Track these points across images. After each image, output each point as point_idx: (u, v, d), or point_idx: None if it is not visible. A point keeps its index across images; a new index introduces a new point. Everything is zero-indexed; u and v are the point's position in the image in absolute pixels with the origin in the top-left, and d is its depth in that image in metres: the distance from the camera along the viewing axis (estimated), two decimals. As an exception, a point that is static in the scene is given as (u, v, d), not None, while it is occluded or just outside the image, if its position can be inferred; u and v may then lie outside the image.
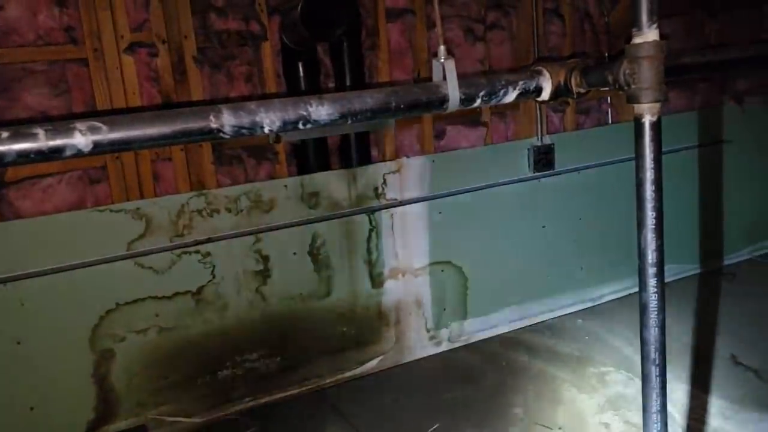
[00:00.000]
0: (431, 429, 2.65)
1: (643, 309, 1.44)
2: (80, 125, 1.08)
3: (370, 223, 3.11)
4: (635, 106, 1.38)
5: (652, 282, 1.40)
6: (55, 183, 2.59)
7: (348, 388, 3.05)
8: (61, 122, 1.08)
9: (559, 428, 2.59)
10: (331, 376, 3.08)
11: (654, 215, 1.40)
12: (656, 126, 1.36)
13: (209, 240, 2.77)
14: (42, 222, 2.51)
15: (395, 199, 3.15)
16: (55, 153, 1.07)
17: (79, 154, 1.10)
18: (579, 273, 3.68)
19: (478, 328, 3.43)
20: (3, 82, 2.47)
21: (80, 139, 1.08)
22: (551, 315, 3.62)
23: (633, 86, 1.36)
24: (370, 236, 3.12)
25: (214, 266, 2.79)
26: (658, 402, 1.45)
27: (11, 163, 1.06)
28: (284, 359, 2.97)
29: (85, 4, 2.52)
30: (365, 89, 1.38)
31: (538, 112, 3.44)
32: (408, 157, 3.19)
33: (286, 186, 2.92)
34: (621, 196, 3.61)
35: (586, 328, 3.49)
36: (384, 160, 3.15)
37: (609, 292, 3.78)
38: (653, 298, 1.41)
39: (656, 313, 1.41)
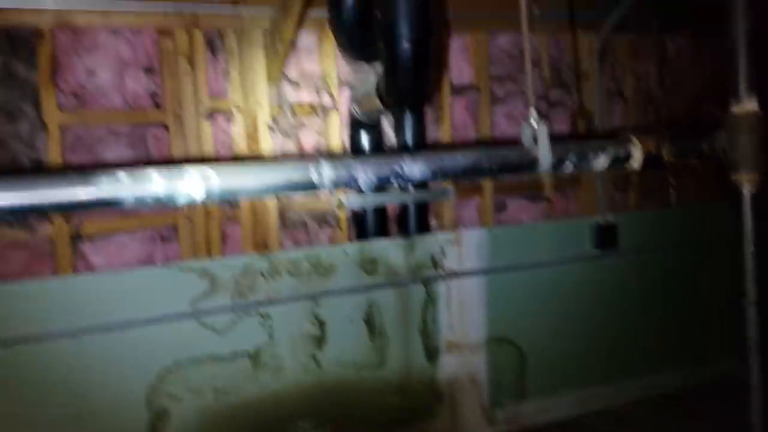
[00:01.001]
0: None
1: (748, 390, 1.36)
2: (194, 172, 1.12)
3: (427, 293, 3.08)
4: (734, 176, 1.36)
5: (755, 359, 1.33)
6: (128, 240, 2.67)
7: (400, 465, 2.92)
8: (173, 169, 1.12)
9: None
10: (383, 452, 2.96)
11: (754, 289, 1.34)
12: (756, 197, 1.33)
13: (270, 302, 2.78)
14: (112, 277, 2.56)
15: (453, 271, 3.12)
16: (170, 200, 1.11)
17: (192, 202, 1.13)
18: (644, 358, 3.51)
19: (537, 410, 3.28)
20: (88, 142, 2.60)
21: (194, 188, 1.11)
22: (615, 401, 3.43)
23: (731, 155, 1.35)
24: (426, 307, 3.08)
25: (272, 328, 2.78)
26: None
27: (125, 207, 1.10)
28: (336, 429, 2.88)
29: (169, 72, 2.68)
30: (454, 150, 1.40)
31: (601, 189, 3.42)
32: (467, 228, 3.19)
33: (345, 252, 2.93)
34: (686, 280, 3.50)
35: (652, 416, 3.29)
36: (443, 231, 3.15)
37: (676, 378, 3.58)
38: (756, 378, 1.33)
39: (759, 393, 1.32)
